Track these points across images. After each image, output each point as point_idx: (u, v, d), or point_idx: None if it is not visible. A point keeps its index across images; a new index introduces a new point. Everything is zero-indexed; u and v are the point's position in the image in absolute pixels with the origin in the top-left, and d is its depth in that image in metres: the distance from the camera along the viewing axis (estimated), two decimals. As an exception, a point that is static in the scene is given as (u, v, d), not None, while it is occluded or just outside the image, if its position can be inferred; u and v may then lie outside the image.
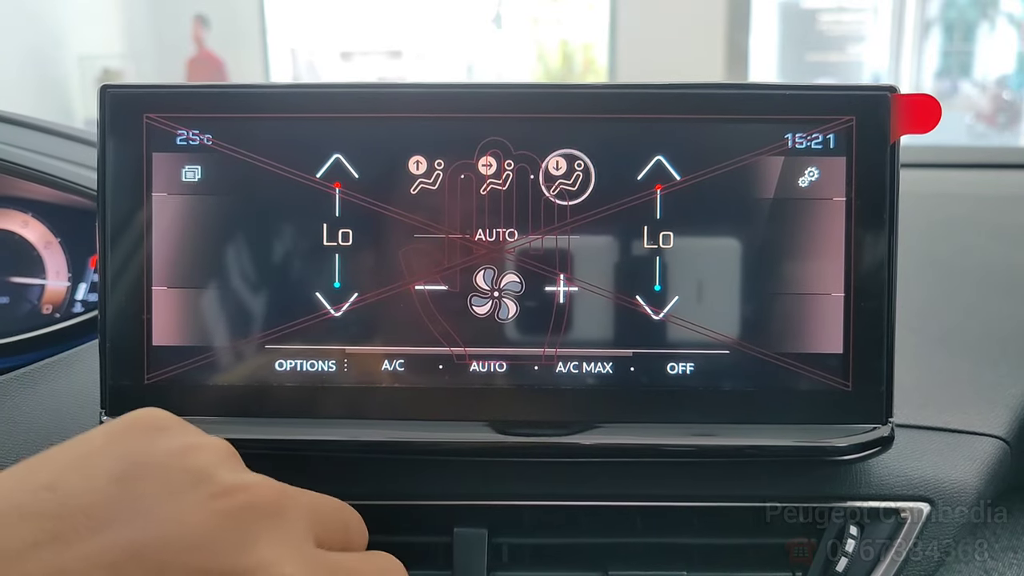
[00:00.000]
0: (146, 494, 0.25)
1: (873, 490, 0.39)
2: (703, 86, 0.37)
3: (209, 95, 0.38)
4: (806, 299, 0.37)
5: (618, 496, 0.39)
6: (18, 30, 4.67)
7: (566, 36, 5.74)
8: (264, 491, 0.26)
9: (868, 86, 0.37)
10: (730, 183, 0.37)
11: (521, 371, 0.37)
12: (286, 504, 0.27)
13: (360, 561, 0.29)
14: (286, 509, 0.27)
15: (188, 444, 0.27)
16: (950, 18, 5.70)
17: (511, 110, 0.37)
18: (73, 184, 0.52)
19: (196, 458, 0.27)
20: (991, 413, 0.44)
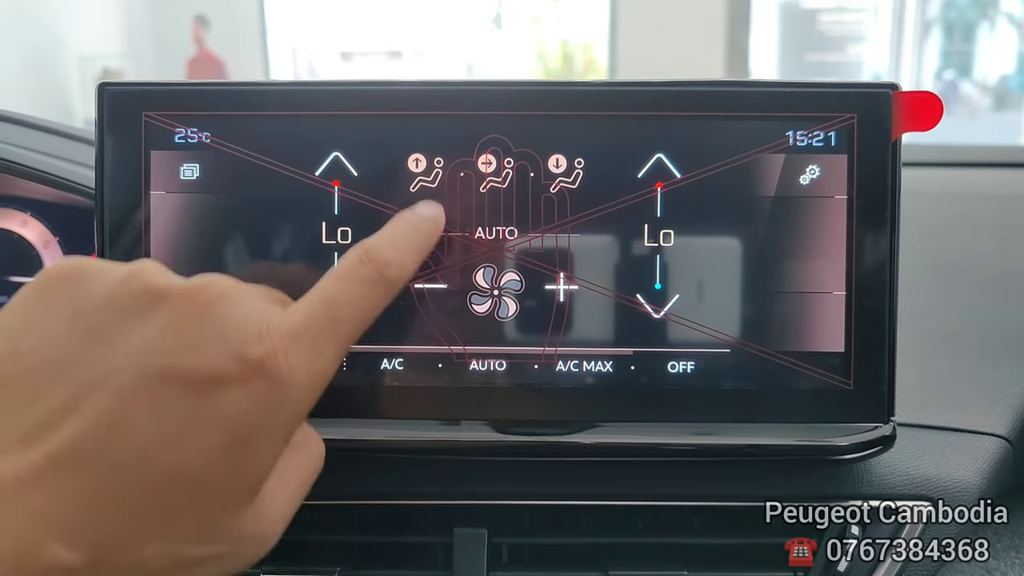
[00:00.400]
0: (112, 326, 0.25)
1: (874, 489, 0.38)
2: (704, 84, 0.37)
3: (208, 93, 0.37)
4: (807, 297, 0.37)
5: (618, 495, 0.39)
6: (18, 30, 4.67)
7: (566, 36, 5.74)
8: (217, 285, 0.27)
9: (869, 84, 0.37)
10: (731, 181, 0.37)
11: (521, 370, 0.37)
12: (240, 289, 0.27)
13: (322, 283, 0.30)
14: (242, 292, 0.27)
15: (123, 274, 0.27)
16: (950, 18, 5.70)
17: (511, 107, 0.37)
18: (72, 183, 0.52)
19: (139, 280, 0.26)
20: (993, 412, 0.44)
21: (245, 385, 0.25)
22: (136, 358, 0.25)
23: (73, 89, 5.12)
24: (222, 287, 0.27)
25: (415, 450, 0.37)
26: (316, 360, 0.27)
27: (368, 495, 0.38)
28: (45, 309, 0.26)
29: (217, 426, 0.25)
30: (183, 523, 0.25)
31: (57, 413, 0.24)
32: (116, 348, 0.25)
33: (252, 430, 0.25)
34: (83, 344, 0.25)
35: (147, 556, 0.24)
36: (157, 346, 0.25)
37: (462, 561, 0.37)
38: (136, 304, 0.26)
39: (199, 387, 0.25)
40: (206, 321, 0.26)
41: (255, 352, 0.26)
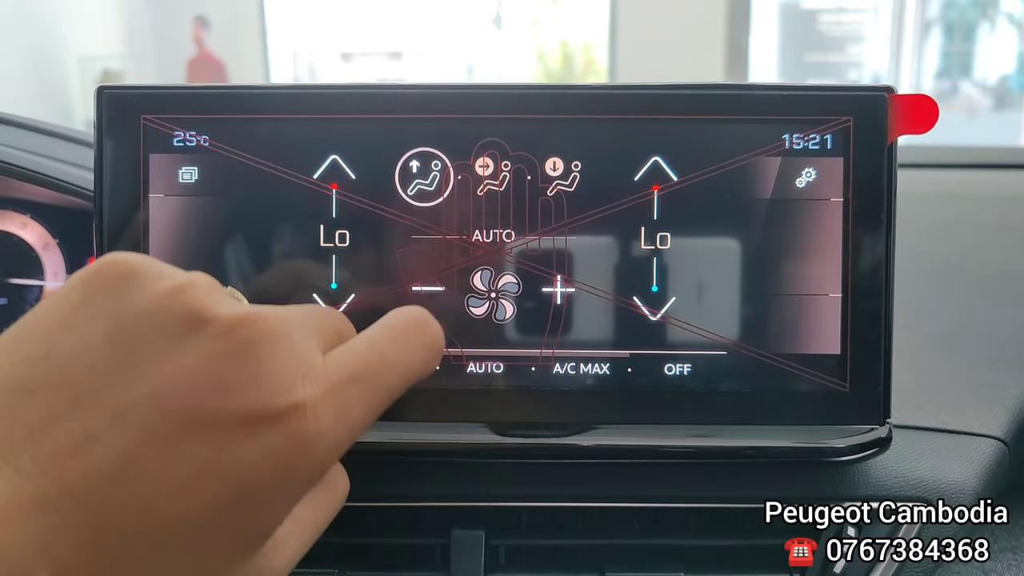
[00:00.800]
0: (147, 346, 0.24)
1: (871, 491, 0.39)
2: (700, 87, 0.37)
3: (206, 96, 0.38)
4: (803, 300, 0.37)
5: (616, 497, 0.39)
6: (18, 31, 4.67)
7: (566, 37, 5.74)
8: (263, 321, 0.26)
9: (865, 87, 0.37)
10: (727, 184, 0.37)
11: (518, 372, 0.37)
12: (287, 328, 0.26)
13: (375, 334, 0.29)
14: (288, 333, 0.26)
15: (171, 287, 0.26)
16: (950, 18, 5.70)
17: (508, 111, 0.37)
18: (71, 185, 0.52)
19: (184, 299, 0.25)
20: (989, 414, 0.44)
21: (267, 438, 0.24)
22: (163, 393, 0.24)
23: (73, 90, 5.12)
24: (268, 324, 0.26)
25: (413, 452, 0.38)
26: (345, 421, 0.26)
27: (366, 497, 0.38)
28: (86, 310, 0.25)
29: (231, 478, 0.24)
30: (180, 571, 0.24)
31: (75, 439, 0.23)
32: (145, 375, 0.24)
33: (266, 486, 0.24)
34: (117, 363, 0.24)
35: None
36: (185, 382, 0.24)
37: (460, 563, 0.37)
38: (176, 326, 0.25)
39: (220, 433, 0.24)
40: (242, 361, 0.25)
41: (283, 402, 0.24)
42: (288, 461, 0.24)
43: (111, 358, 0.24)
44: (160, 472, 0.23)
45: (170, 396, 0.24)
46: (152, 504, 0.23)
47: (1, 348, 0.25)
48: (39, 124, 0.59)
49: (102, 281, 0.26)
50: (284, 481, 0.25)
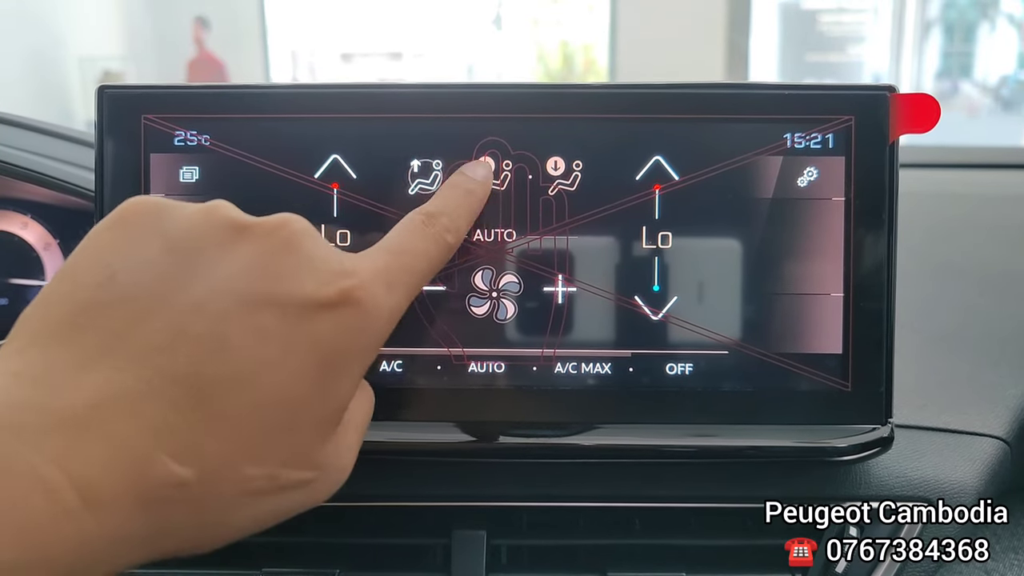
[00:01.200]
0: (203, 254, 0.26)
1: (873, 491, 0.39)
2: (701, 86, 0.37)
3: (207, 96, 0.38)
4: (805, 299, 0.37)
5: (617, 497, 0.39)
6: (18, 32, 4.68)
7: (566, 37, 5.74)
8: (297, 222, 0.28)
9: (867, 86, 0.37)
10: (729, 183, 0.37)
11: (520, 372, 0.37)
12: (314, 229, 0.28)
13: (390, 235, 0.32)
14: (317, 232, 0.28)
15: (203, 207, 0.27)
16: (950, 19, 5.70)
17: (509, 110, 0.37)
18: (72, 185, 0.52)
19: (220, 214, 0.27)
20: (991, 414, 0.44)
21: (337, 312, 0.27)
22: (233, 283, 0.26)
23: (74, 90, 5.13)
24: (302, 224, 0.28)
25: (414, 452, 0.37)
26: (392, 299, 0.29)
27: (367, 497, 0.38)
28: (133, 238, 0.27)
29: (313, 349, 0.26)
30: (280, 445, 0.26)
31: (164, 334, 0.24)
32: (211, 275, 0.26)
33: (342, 355, 0.27)
34: (179, 270, 0.26)
35: (248, 476, 0.25)
36: (251, 273, 0.26)
37: (461, 563, 0.37)
38: (222, 235, 0.27)
39: (295, 311, 0.26)
40: (295, 254, 0.27)
41: (343, 283, 0.27)
42: (357, 329, 0.27)
43: (174, 266, 0.26)
44: (249, 350, 0.25)
45: (240, 286, 0.26)
46: (251, 379, 0.25)
47: (63, 280, 0.26)
48: (40, 124, 0.59)
49: (137, 214, 0.27)
50: (358, 348, 0.28)
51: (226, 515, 0.25)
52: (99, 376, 0.23)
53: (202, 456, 0.24)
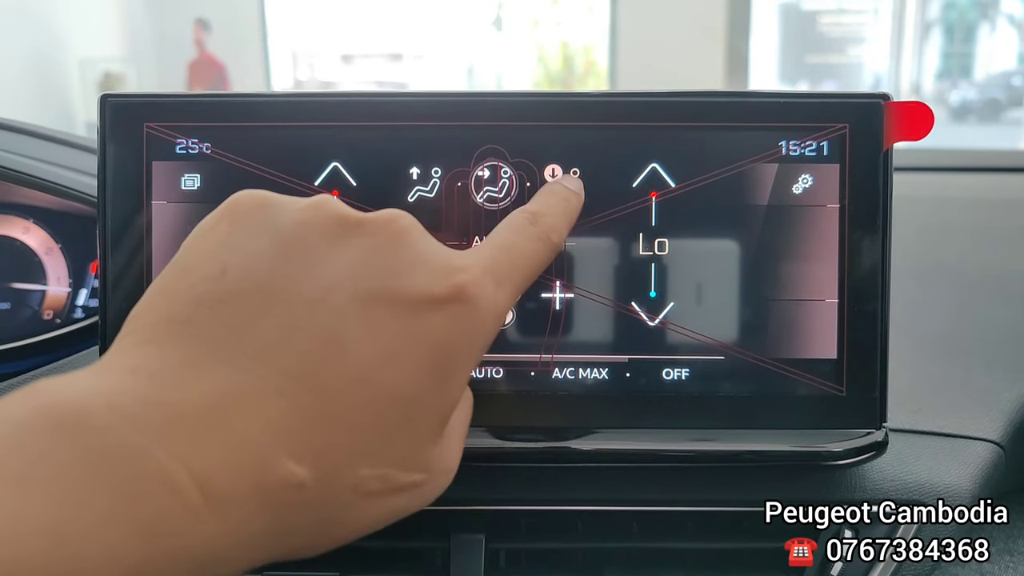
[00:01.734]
0: (314, 249, 0.26)
1: (868, 494, 0.39)
2: (697, 94, 0.37)
3: (208, 104, 0.38)
4: (800, 305, 0.37)
5: (614, 501, 0.39)
6: (19, 33, 4.68)
7: (566, 39, 5.74)
8: (405, 218, 0.28)
9: (861, 94, 0.37)
10: (725, 190, 0.37)
11: (518, 377, 0.38)
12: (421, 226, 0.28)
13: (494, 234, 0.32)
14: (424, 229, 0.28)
15: (311, 202, 0.27)
16: (950, 19, 5.70)
17: (508, 118, 0.38)
18: (74, 191, 0.52)
19: (329, 208, 0.27)
20: (985, 417, 0.44)
21: (450, 308, 0.26)
22: (346, 279, 0.25)
23: (74, 92, 5.13)
24: (410, 220, 0.28)
25: (413, 456, 0.38)
26: (501, 295, 0.28)
27: (367, 501, 0.39)
28: (243, 232, 0.26)
29: (427, 345, 0.26)
30: (395, 445, 0.25)
31: (280, 331, 0.24)
32: (325, 269, 0.25)
33: (456, 351, 0.27)
34: (293, 264, 0.25)
35: (363, 477, 0.25)
36: (364, 269, 0.26)
37: (459, 566, 0.38)
38: (333, 229, 0.26)
39: (409, 308, 0.26)
40: (406, 249, 0.27)
41: (455, 280, 0.27)
42: (469, 325, 0.27)
43: (286, 262, 0.25)
44: (366, 345, 0.25)
45: (353, 282, 0.25)
46: (365, 375, 0.24)
47: (175, 275, 0.26)
48: (41, 130, 0.59)
49: (245, 208, 0.27)
50: (469, 344, 0.27)
51: (341, 516, 0.25)
52: (218, 373, 0.23)
53: (320, 457, 0.24)
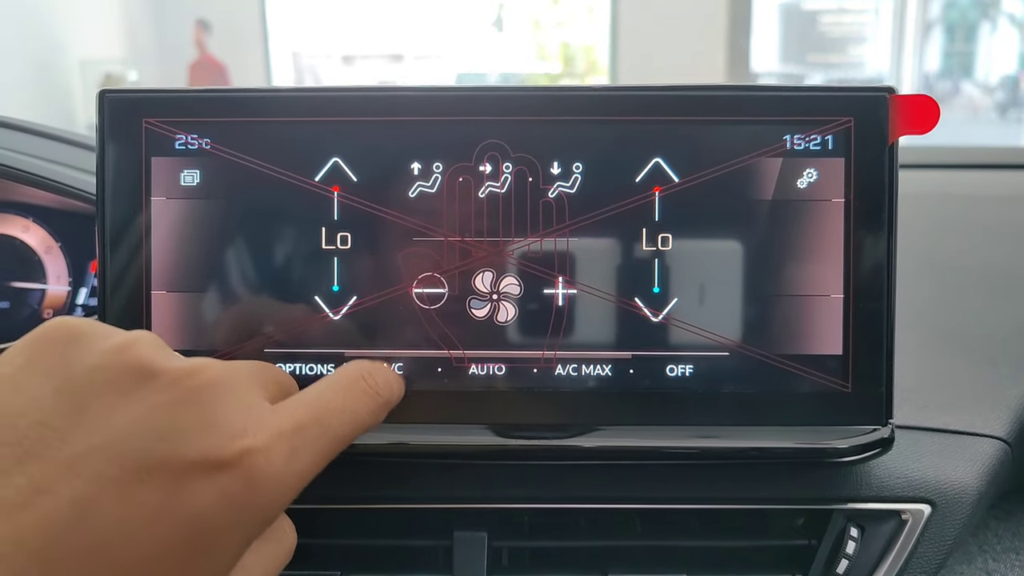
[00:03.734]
0: (96, 400, 0.25)
1: (873, 492, 0.39)
2: (701, 88, 0.37)
3: (208, 100, 0.38)
4: (805, 300, 0.37)
5: (618, 499, 0.39)
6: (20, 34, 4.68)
7: (567, 39, 5.75)
8: (209, 370, 0.27)
9: (866, 87, 0.37)
10: (728, 185, 0.37)
11: (520, 374, 0.37)
12: (233, 377, 0.27)
13: (321, 385, 0.31)
14: (234, 382, 0.27)
15: (117, 343, 0.26)
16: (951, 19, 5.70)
17: (509, 113, 0.37)
18: (73, 189, 0.52)
19: (132, 354, 0.26)
20: (992, 414, 0.44)
21: (219, 480, 0.25)
22: (113, 442, 0.24)
23: (75, 93, 5.13)
24: (214, 373, 0.26)
25: (415, 454, 0.38)
26: (295, 465, 0.27)
27: (369, 499, 0.39)
28: (33, 369, 0.25)
29: (184, 521, 0.24)
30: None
31: (26, 493, 0.23)
32: (95, 426, 0.24)
33: (218, 528, 0.25)
34: (63, 416, 0.24)
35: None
36: (137, 431, 0.24)
37: (462, 564, 0.37)
38: (124, 379, 0.25)
39: (172, 478, 0.24)
40: (191, 409, 0.25)
41: (235, 447, 0.25)
42: (241, 502, 0.25)
43: (60, 413, 0.24)
44: (114, 518, 0.23)
45: (121, 445, 0.24)
46: (107, 551, 0.23)
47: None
48: (41, 128, 0.59)
49: (47, 342, 0.26)
50: (237, 522, 0.25)
51: None
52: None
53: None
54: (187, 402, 0.25)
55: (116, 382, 0.25)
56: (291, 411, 0.28)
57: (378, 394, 0.32)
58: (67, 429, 0.24)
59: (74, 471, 0.23)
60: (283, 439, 0.27)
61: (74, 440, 0.24)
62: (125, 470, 0.24)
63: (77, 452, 0.24)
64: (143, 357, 0.26)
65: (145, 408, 0.25)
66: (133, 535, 0.23)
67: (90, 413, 0.24)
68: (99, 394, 0.25)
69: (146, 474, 0.24)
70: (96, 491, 0.23)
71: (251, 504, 0.25)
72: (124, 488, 0.24)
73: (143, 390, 0.25)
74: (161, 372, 0.26)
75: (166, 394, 0.25)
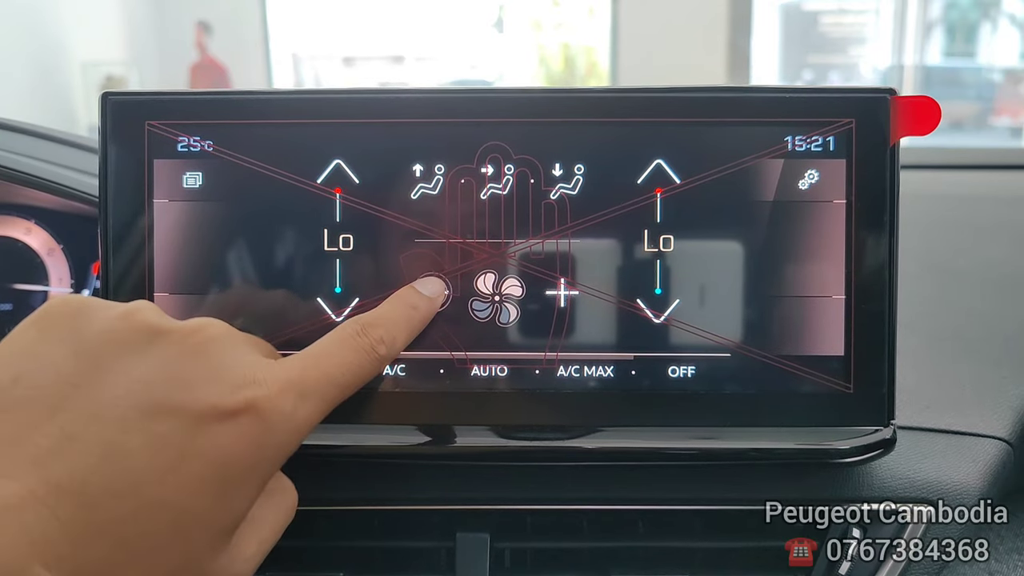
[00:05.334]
0: (112, 359, 0.27)
1: (875, 492, 0.39)
2: (702, 90, 0.37)
3: (210, 102, 0.38)
4: (807, 302, 0.37)
5: (620, 500, 0.39)
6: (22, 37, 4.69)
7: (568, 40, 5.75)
8: (213, 327, 0.29)
9: (867, 88, 0.37)
10: (730, 186, 0.37)
11: (522, 375, 0.37)
12: (234, 335, 0.30)
13: (319, 341, 0.32)
14: (236, 338, 0.29)
15: (123, 311, 0.28)
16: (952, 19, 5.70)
17: (511, 115, 0.37)
18: (75, 191, 0.52)
19: (138, 317, 0.28)
20: (993, 415, 0.44)
21: (236, 422, 0.27)
22: (133, 391, 0.26)
23: (77, 95, 5.13)
24: (217, 329, 0.29)
25: (417, 455, 0.38)
26: (302, 410, 0.29)
27: (371, 500, 0.39)
28: (47, 339, 0.27)
29: (207, 460, 0.26)
30: (166, 555, 0.26)
31: (54, 440, 0.24)
32: (115, 380, 0.26)
33: (238, 466, 0.27)
34: (83, 374, 0.26)
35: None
36: (154, 381, 0.26)
37: (465, 565, 0.37)
38: (135, 339, 0.27)
39: (193, 421, 0.26)
40: (202, 360, 0.27)
41: (248, 392, 0.27)
42: (257, 440, 0.27)
43: (80, 372, 0.26)
44: (143, 458, 0.25)
45: (142, 393, 0.26)
46: (138, 488, 0.25)
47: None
48: (43, 130, 0.59)
49: (57, 314, 0.28)
50: (255, 460, 0.27)
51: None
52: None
53: (79, 569, 0.24)
54: (196, 354, 0.27)
55: (128, 342, 0.27)
56: (295, 363, 0.30)
57: (374, 348, 0.33)
58: (89, 385, 0.26)
59: (99, 419, 0.25)
60: (290, 384, 0.29)
61: (98, 393, 0.26)
62: (148, 415, 0.26)
63: (100, 402, 0.25)
64: (149, 319, 0.28)
65: (159, 361, 0.27)
66: (162, 473, 0.25)
67: (109, 370, 0.26)
68: (114, 354, 0.27)
69: (169, 417, 0.26)
70: (121, 435, 0.25)
71: (267, 442, 0.27)
72: (148, 430, 0.25)
73: (154, 347, 0.27)
74: (169, 330, 0.28)
75: (175, 348, 0.27)
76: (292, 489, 0.32)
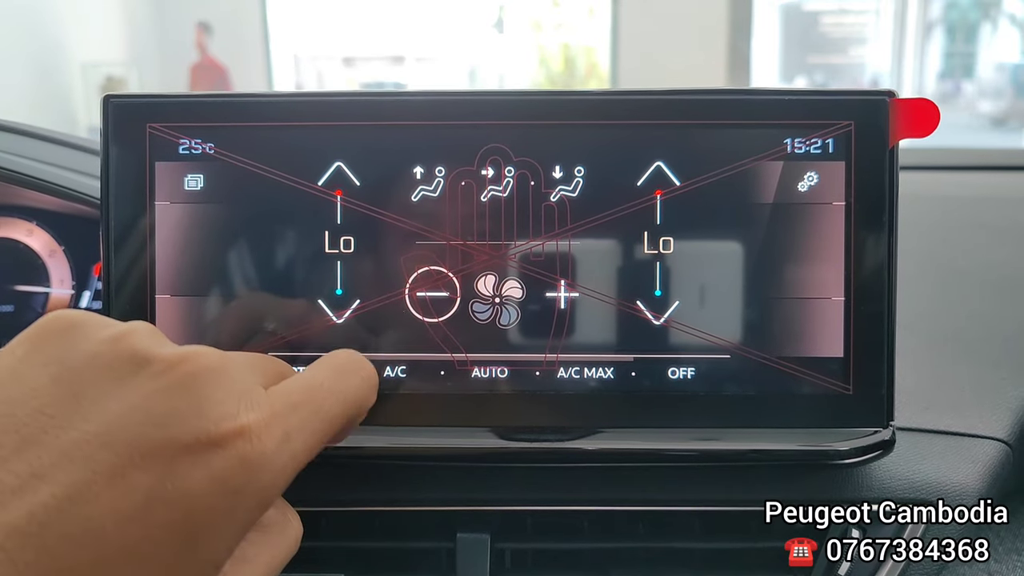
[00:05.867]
0: (92, 388, 0.25)
1: (875, 493, 0.39)
2: (702, 92, 0.37)
3: (211, 104, 0.38)
4: (806, 303, 0.37)
5: (620, 500, 0.39)
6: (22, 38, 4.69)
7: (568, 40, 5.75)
8: (204, 357, 0.26)
9: (867, 91, 0.37)
10: (730, 188, 0.37)
11: (523, 377, 0.38)
12: (227, 363, 0.27)
13: (312, 369, 0.31)
14: (228, 367, 0.27)
15: (114, 333, 0.27)
16: (952, 19, 5.70)
17: (511, 117, 0.37)
18: (77, 193, 0.52)
19: (127, 342, 0.26)
20: (992, 416, 0.44)
21: (212, 463, 0.25)
22: (107, 429, 0.24)
23: (77, 96, 5.14)
24: (209, 360, 0.26)
25: (418, 457, 0.38)
26: (289, 446, 0.27)
27: (372, 501, 0.39)
28: (31, 361, 0.26)
29: (179, 504, 0.24)
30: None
31: (22, 478, 0.23)
32: (91, 414, 0.25)
33: (212, 512, 0.25)
34: (59, 404, 0.25)
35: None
36: (130, 417, 0.25)
37: (465, 566, 0.37)
38: (120, 367, 0.26)
39: (165, 462, 0.24)
40: (184, 394, 0.25)
41: (227, 427, 0.25)
42: (234, 485, 0.25)
43: (57, 401, 0.25)
44: (108, 503, 0.23)
45: (116, 431, 0.24)
46: (100, 535, 0.23)
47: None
48: (44, 132, 0.59)
49: (46, 333, 0.26)
50: (231, 506, 0.25)
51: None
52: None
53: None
54: (180, 387, 0.25)
55: (111, 369, 0.25)
56: (283, 393, 0.28)
57: (368, 378, 0.32)
58: (63, 416, 0.24)
59: (68, 457, 0.24)
60: (276, 420, 0.27)
61: (69, 427, 0.24)
62: (119, 455, 0.24)
63: (72, 439, 0.24)
64: (138, 345, 0.26)
65: (139, 395, 0.25)
66: (126, 519, 0.23)
67: (85, 400, 0.25)
68: (94, 382, 0.25)
69: (139, 459, 0.24)
70: (89, 476, 0.23)
71: (245, 486, 0.25)
72: (117, 473, 0.24)
73: (137, 377, 0.25)
74: (155, 359, 0.26)
75: (160, 380, 0.25)
76: (294, 524, 0.30)
